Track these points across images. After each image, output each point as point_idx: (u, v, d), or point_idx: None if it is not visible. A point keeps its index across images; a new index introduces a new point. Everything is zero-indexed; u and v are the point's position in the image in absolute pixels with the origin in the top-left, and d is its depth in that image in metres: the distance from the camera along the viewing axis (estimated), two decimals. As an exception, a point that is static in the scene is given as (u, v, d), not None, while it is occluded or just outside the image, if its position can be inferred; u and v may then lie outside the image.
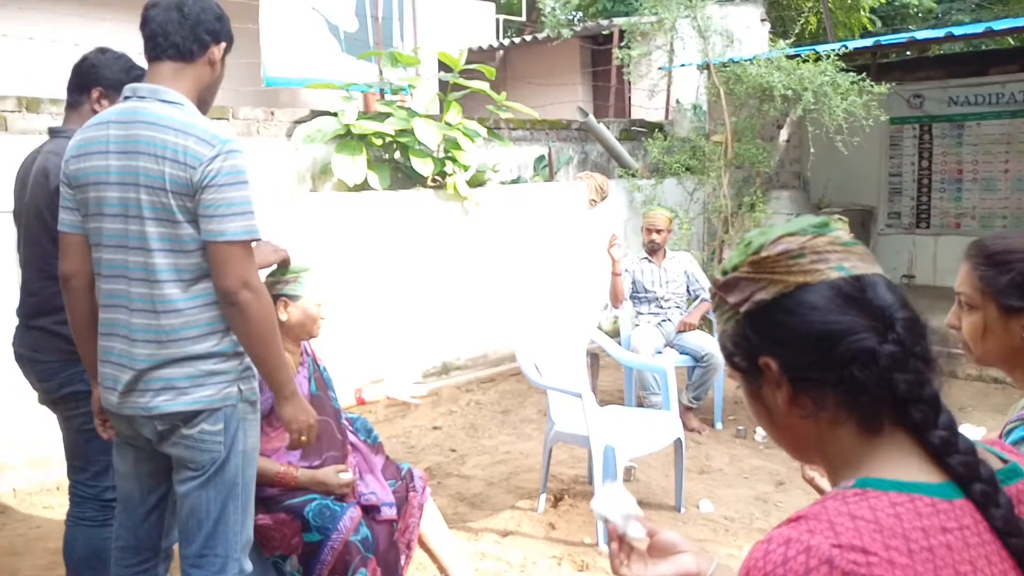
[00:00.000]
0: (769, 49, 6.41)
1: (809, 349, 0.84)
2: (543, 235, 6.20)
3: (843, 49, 6.02)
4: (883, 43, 6.36)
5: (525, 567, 3.26)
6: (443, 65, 5.90)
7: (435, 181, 5.62)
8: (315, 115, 5.36)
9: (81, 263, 1.98)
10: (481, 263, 5.77)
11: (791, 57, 6.18)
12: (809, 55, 6.03)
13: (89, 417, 2.33)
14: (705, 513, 3.75)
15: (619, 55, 6.45)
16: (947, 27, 7.81)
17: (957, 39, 6.62)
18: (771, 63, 5.99)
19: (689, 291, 5.22)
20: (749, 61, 6.18)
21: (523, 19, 11.26)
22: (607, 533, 1.07)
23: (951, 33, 6.13)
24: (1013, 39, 9.45)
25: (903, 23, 15.50)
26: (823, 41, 10.57)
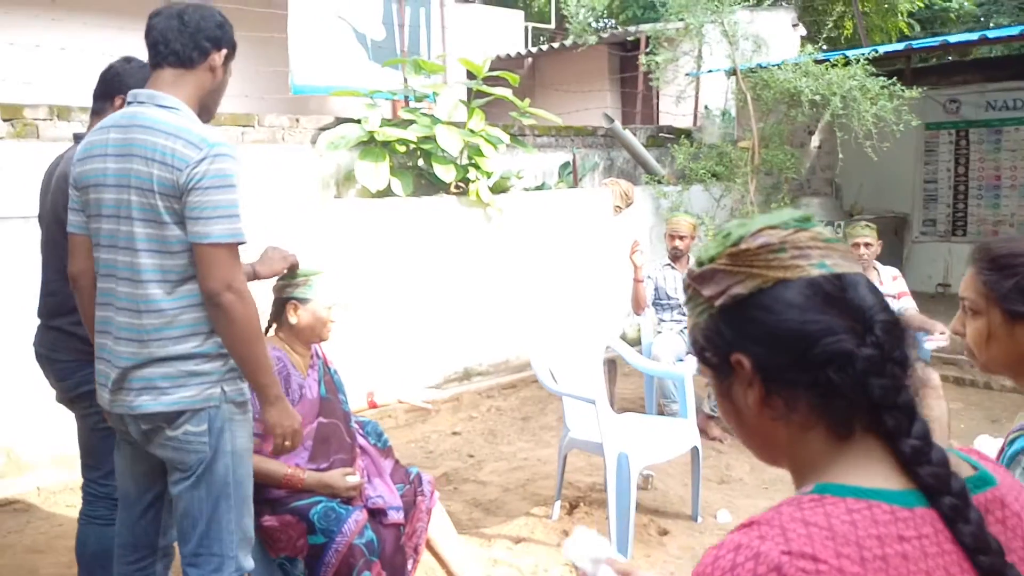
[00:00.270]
0: (800, 55, 6.32)
1: (784, 348, 0.81)
2: (567, 242, 6.18)
3: (873, 53, 5.92)
4: (915, 47, 6.25)
5: (536, 574, 3.24)
6: (470, 73, 5.93)
7: (458, 188, 5.64)
8: (340, 122, 5.42)
9: (87, 263, 2.04)
10: (504, 269, 5.78)
11: (820, 62, 6.10)
12: (838, 60, 5.94)
13: (101, 418, 2.38)
14: (723, 523, 3.69)
15: (645, 61, 6.42)
16: (982, 30, 7.65)
17: (992, 42, 6.47)
18: (799, 68, 5.91)
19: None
20: (777, 66, 6.11)
21: (552, 27, 11.27)
22: None
23: (985, 36, 6.00)
24: (1055, 42, 9.21)
25: (943, 27, 15.20)
26: (858, 46, 10.42)
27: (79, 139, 2.43)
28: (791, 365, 0.81)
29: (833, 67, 5.86)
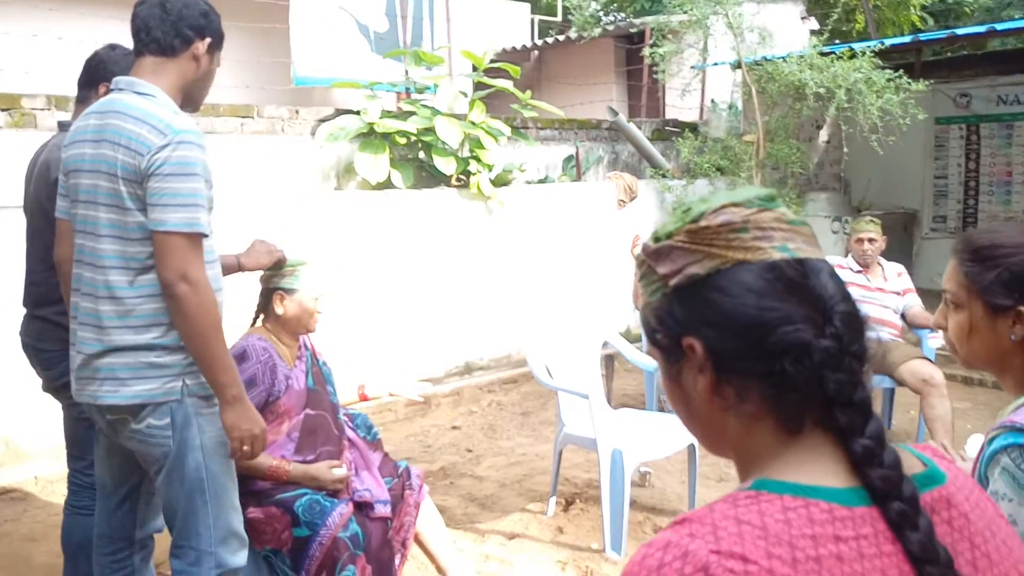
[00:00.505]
0: (817, 48, 6.24)
1: (739, 334, 0.77)
2: (569, 235, 6.14)
3: (879, 46, 5.83)
4: (922, 39, 6.16)
5: (528, 570, 3.21)
6: (474, 65, 5.90)
7: (459, 180, 5.61)
8: (339, 113, 5.40)
9: (70, 249, 2.02)
10: (505, 263, 5.74)
11: (825, 54, 6.02)
12: (844, 52, 5.86)
13: (85, 407, 2.37)
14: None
15: (648, 54, 6.36)
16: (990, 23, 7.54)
17: (1001, 34, 6.38)
18: (803, 60, 5.84)
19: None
20: (782, 59, 6.04)
21: (558, 19, 11.21)
22: None
23: (993, 28, 5.90)
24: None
25: (957, 21, 15.02)
26: (868, 40, 10.30)
27: (64, 127, 2.42)
28: (745, 353, 0.77)
29: (839, 60, 5.78)
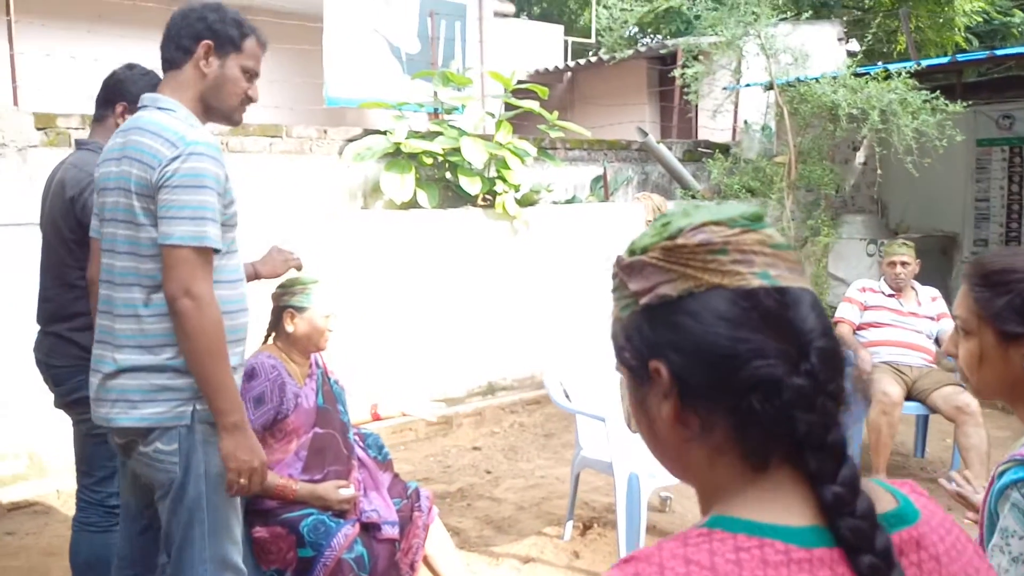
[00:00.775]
0: (851, 69, 6.15)
1: (707, 364, 0.72)
2: (596, 256, 6.08)
3: (916, 67, 5.72)
4: (960, 59, 6.02)
5: (540, 596, 3.15)
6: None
7: (485, 200, 5.61)
8: (367, 133, 5.44)
9: (99, 268, 2.00)
10: (531, 283, 5.71)
11: (860, 75, 5.92)
12: (879, 73, 5.75)
13: (95, 423, 2.38)
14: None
15: (678, 75, 6.32)
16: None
17: (1044, 55, 6.20)
18: (836, 81, 5.74)
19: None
20: (815, 80, 5.95)
21: (592, 41, 11.23)
22: None
23: (1036, 48, 5.74)
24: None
25: (1003, 42, 14.70)
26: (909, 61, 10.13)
27: (80, 145, 2.47)
28: (712, 384, 0.72)
29: (874, 81, 5.68)
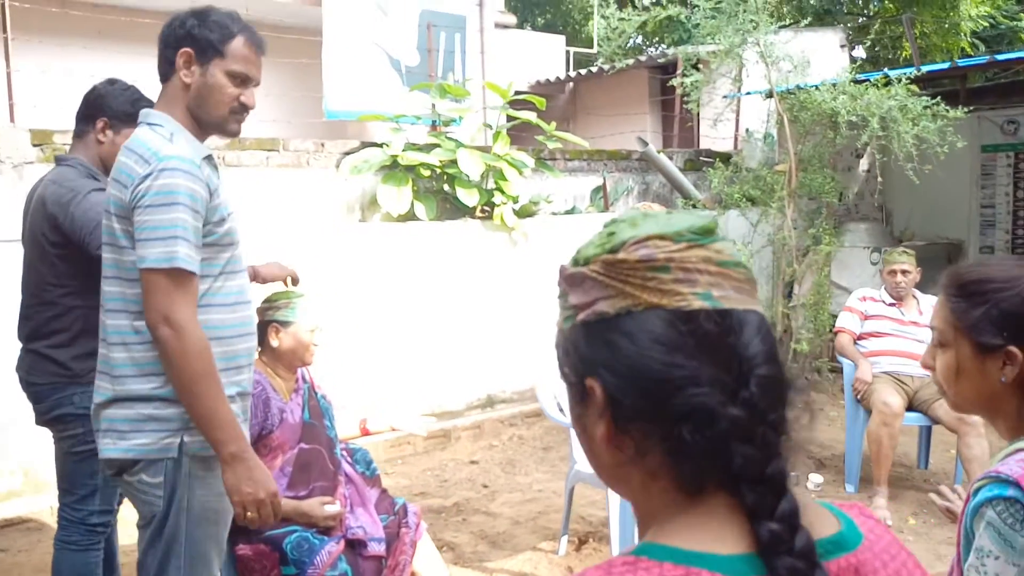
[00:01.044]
0: (851, 75, 6.09)
1: (640, 389, 0.68)
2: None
3: (916, 72, 5.67)
4: (961, 65, 5.96)
5: (533, 613, 3.11)
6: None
7: (483, 212, 5.59)
8: (365, 146, 5.44)
9: None
10: (529, 295, 5.68)
11: (860, 82, 5.87)
12: (879, 79, 5.71)
13: (76, 441, 2.37)
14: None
15: (678, 83, 6.29)
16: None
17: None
18: (836, 88, 5.70)
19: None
20: (815, 87, 5.91)
21: (594, 51, 11.23)
22: None
23: (1037, 53, 5.69)
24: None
25: (1010, 47, 14.62)
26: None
27: (59, 161, 2.46)
28: (644, 409, 0.68)
29: (874, 87, 5.63)
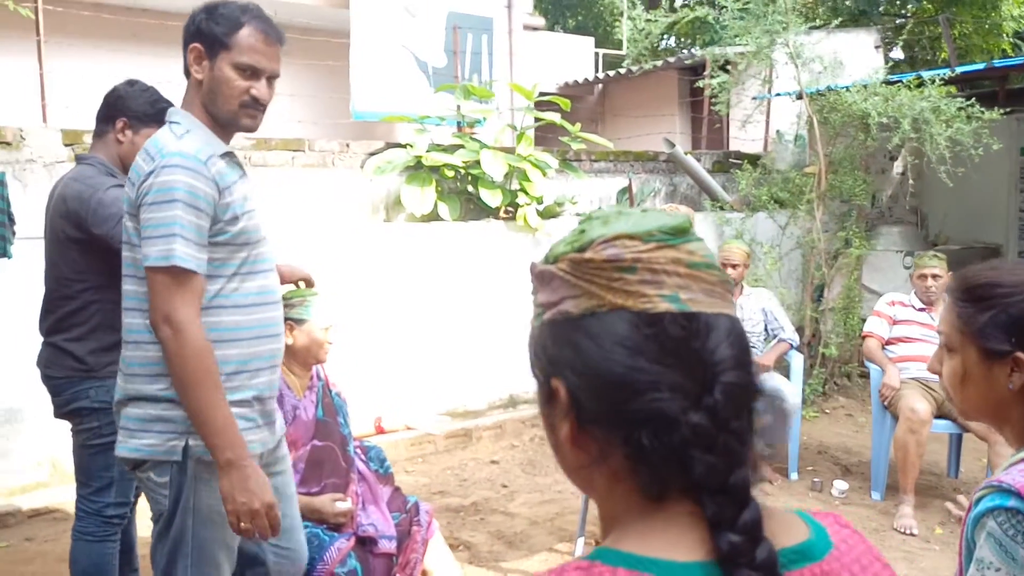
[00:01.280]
0: (885, 77, 5.98)
1: (602, 391, 0.67)
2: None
3: (950, 73, 5.55)
4: (997, 65, 5.82)
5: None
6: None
7: (507, 212, 5.59)
8: (389, 147, 5.47)
9: None
10: (552, 296, 5.67)
11: (892, 83, 5.77)
12: (911, 81, 5.60)
13: (92, 434, 2.42)
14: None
15: (702, 84, 6.23)
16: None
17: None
18: (866, 90, 5.60)
19: (767, 330, 4.91)
20: (846, 89, 5.81)
21: (623, 53, 11.18)
22: None
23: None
24: None
25: (1054, 47, 14.26)
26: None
27: (79, 160, 2.51)
28: (606, 413, 0.67)
29: (906, 88, 5.53)
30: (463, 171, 5.44)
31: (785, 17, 5.70)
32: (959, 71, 5.78)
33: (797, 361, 4.85)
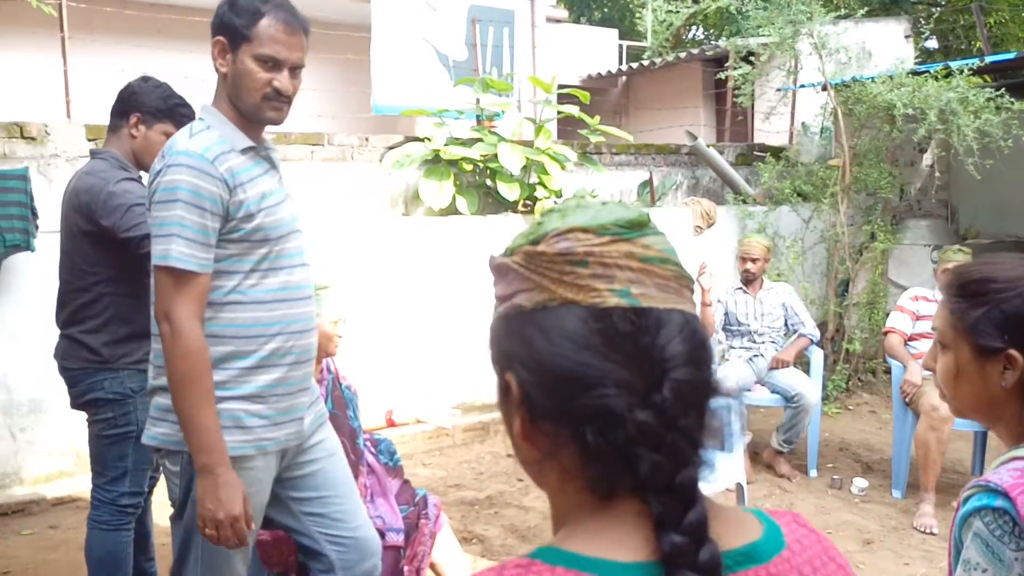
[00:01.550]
0: (907, 67, 5.87)
1: (550, 386, 0.66)
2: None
3: (979, 63, 5.43)
4: (1028, 55, 5.67)
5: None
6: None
7: (525, 206, 5.58)
8: (408, 141, 5.49)
9: None
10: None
11: (919, 73, 5.65)
12: (939, 71, 5.48)
13: (106, 425, 2.46)
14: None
15: (725, 76, 6.16)
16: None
17: None
18: (892, 80, 5.50)
19: (787, 325, 4.85)
20: (871, 79, 5.71)
21: (648, 44, 11.09)
22: None
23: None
24: None
25: (1096, 35, 13.87)
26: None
27: (93, 155, 2.54)
28: (554, 408, 0.66)
29: (933, 79, 5.41)
30: (481, 165, 5.44)
31: (809, 7, 5.61)
32: (988, 60, 5.64)
33: (817, 357, 4.79)
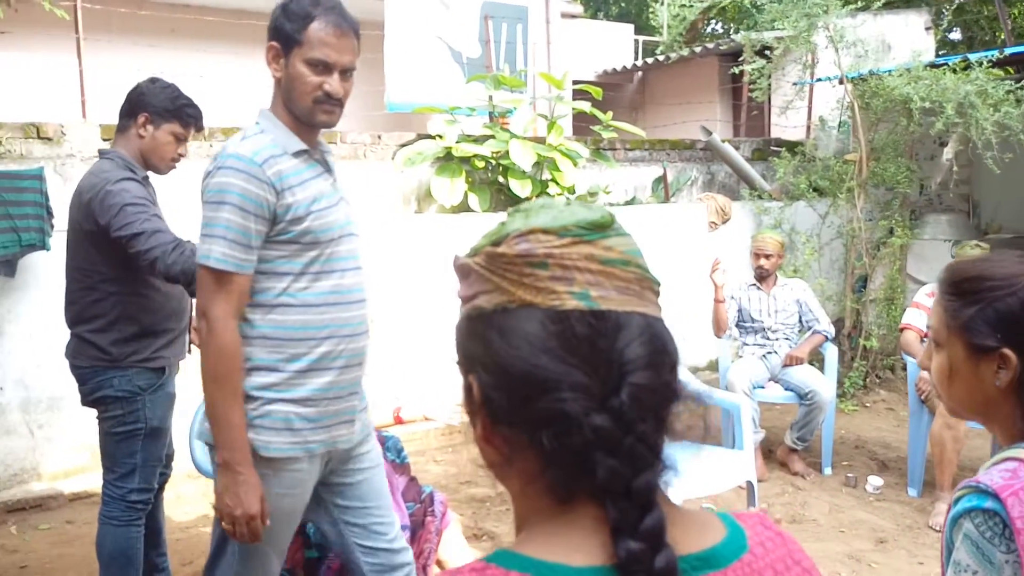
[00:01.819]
0: (931, 60, 5.78)
1: (507, 389, 0.66)
2: (654, 259, 5.92)
3: (997, 55, 5.33)
4: (1050, 46, 5.56)
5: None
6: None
7: (538, 203, 5.57)
8: (420, 138, 5.50)
9: None
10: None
11: (936, 66, 5.57)
12: (957, 64, 5.40)
13: (116, 422, 2.49)
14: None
15: (739, 71, 6.10)
16: None
17: None
18: (909, 74, 5.42)
19: (801, 321, 4.81)
20: (888, 73, 5.63)
21: (663, 39, 11.02)
22: None
23: None
24: None
25: (1123, 26, 13.59)
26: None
27: (101, 154, 2.57)
28: (511, 411, 0.66)
29: (953, 72, 5.33)
30: (493, 161, 5.44)
31: (824, 0, 5.55)
32: (1008, 52, 5.55)
33: (831, 354, 4.74)
